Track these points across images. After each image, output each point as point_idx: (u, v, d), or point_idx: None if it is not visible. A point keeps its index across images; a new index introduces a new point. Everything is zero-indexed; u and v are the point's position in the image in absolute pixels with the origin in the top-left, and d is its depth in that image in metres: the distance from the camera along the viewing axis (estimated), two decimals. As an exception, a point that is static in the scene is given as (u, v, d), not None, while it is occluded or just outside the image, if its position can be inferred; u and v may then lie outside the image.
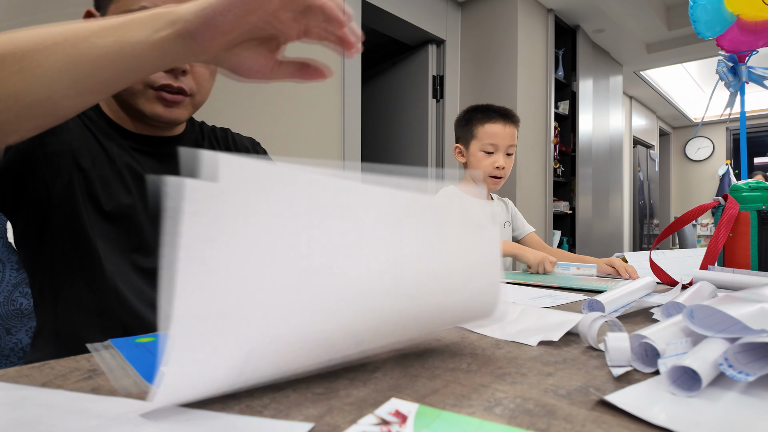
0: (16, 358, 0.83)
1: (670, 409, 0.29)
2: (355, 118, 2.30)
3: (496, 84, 2.83)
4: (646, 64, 4.34)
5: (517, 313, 0.56)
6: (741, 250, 0.86)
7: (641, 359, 0.37)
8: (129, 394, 0.32)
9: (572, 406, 0.30)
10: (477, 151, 1.34)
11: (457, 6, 2.98)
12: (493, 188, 1.37)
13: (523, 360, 0.40)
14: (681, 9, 3.63)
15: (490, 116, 1.32)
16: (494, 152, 1.32)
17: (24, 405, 0.29)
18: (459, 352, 0.43)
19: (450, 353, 0.42)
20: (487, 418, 0.29)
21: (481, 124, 1.33)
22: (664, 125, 6.66)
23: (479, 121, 1.33)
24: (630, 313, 0.60)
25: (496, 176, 1.33)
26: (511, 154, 1.34)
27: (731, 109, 1.48)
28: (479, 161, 1.33)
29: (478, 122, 1.33)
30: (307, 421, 0.27)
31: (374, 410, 0.29)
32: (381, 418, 0.28)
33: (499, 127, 1.31)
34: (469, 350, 0.43)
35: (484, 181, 1.35)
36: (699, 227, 5.28)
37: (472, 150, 1.35)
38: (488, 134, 1.31)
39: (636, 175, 5.48)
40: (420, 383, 0.34)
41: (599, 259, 1.16)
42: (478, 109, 1.35)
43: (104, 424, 0.26)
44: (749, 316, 0.33)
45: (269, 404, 0.30)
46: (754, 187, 0.87)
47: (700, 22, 1.34)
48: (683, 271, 0.92)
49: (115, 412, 0.28)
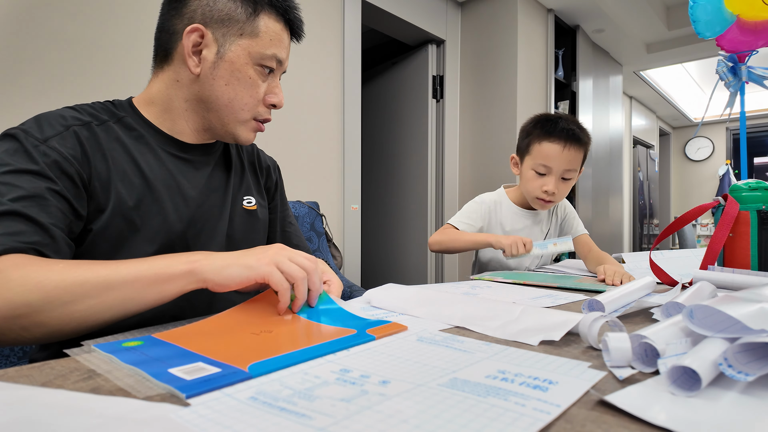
0: (16, 358, 0.83)
1: (670, 409, 0.29)
2: (355, 118, 2.30)
3: (496, 84, 2.83)
4: (646, 64, 4.34)
5: (518, 313, 0.56)
6: (741, 250, 0.86)
7: (641, 359, 0.37)
8: (138, 393, 0.32)
9: (572, 406, 0.30)
10: (528, 168, 1.21)
11: (457, 6, 2.98)
12: (540, 209, 1.27)
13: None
14: (681, 9, 3.63)
15: (550, 135, 1.16)
16: (546, 174, 1.18)
17: (24, 405, 0.29)
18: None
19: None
20: (487, 418, 0.29)
21: (538, 141, 1.18)
22: (664, 125, 6.66)
23: (537, 137, 1.19)
24: (630, 313, 0.60)
25: (544, 199, 1.21)
26: (569, 179, 1.20)
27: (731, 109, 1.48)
28: (528, 180, 1.22)
29: (535, 138, 1.19)
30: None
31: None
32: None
33: (556, 148, 1.15)
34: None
35: (531, 201, 1.25)
36: (699, 227, 5.27)
37: (525, 166, 1.23)
38: (542, 155, 1.17)
39: (636, 175, 5.48)
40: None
41: (605, 258, 1.15)
42: (541, 123, 1.20)
43: (105, 423, 0.26)
44: (749, 316, 0.33)
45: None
46: (754, 187, 0.87)
47: (700, 22, 1.34)
48: (683, 271, 0.92)
49: (116, 412, 0.28)
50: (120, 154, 0.63)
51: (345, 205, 2.26)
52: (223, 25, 0.64)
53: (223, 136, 0.71)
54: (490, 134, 2.83)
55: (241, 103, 0.67)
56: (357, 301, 0.69)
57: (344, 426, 0.27)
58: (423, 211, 2.89)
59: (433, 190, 2.90)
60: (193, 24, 0.63)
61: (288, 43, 0.71)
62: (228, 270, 0.50)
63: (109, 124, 0.64)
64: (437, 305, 0.61)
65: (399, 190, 3.06)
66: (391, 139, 3.15)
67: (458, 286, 0.88)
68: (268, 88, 0.69)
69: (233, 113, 0.67)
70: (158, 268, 0.49)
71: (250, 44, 0.65)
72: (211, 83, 0.65)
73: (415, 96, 2.95)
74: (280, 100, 0.70)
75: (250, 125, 0.70)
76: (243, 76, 0.65)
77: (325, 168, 2.17)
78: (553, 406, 0.30)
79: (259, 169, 0.84)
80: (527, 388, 0.33)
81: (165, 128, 0.69)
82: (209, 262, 0.51)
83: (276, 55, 0.67)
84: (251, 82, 0.66)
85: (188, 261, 0.50)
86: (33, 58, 1.29)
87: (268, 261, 0.51)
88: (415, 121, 2.95)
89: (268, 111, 0.71)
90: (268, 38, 0.66)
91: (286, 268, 0.52)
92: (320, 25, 2.14)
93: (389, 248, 3.09)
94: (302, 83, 2.06)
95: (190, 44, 0.64)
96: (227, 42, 0.64)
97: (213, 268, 0.50)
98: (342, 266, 2.00)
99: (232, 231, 0.74)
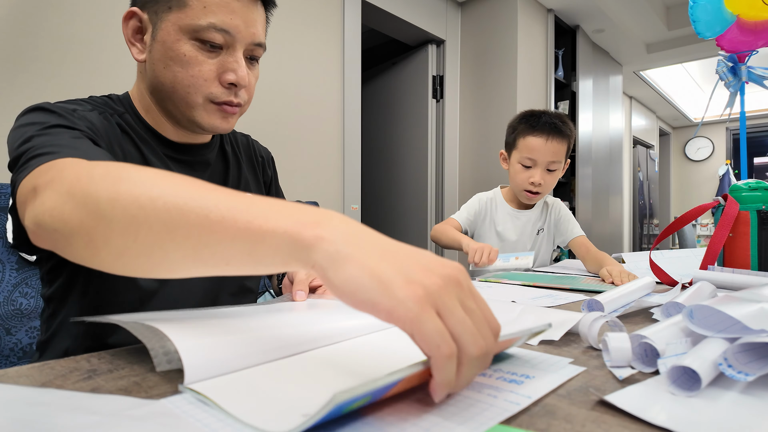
0: (15, 358, 0.83)
1: (669, 409, 0.29)
2: (355, 118, 2.30)
3: (496, 84, 2.83)
4: (646, 64, 4.34)
5: (518, 312, 0.56)
6: (741, 250, 0.86)
7: (641, 359, 0.37)
8: (138, 392, 0.32)
9: (572, 406, 0.30)
10: (515, 162, 1.28)
11: (457, 6, 2.98)
12: (528, 202, 1.32)
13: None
14: (681, 9, 3.63)
15: (534, 128, 1.23)
16: (532, 167, 1.25)
17: (22, 404, 0.29)
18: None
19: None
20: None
21: (523, 135, 1.25)
22: (664, 125, 6.66)
23: (522, 132, 1.26)
24: (630, 313, 0.60)
25: (531, 191, 1.27)
26: (554, 170, 1.26)
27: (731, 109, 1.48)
28: (516, 173, 1.28)
29: (521, 132, 1.26)
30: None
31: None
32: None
33: (539, 141, 1.22)
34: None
35: (519, 194, 1.31)
36: (699, 227, 5.27)
37: (512, 160, 1.30)
38: (528, 147, 1.24)
39: (636, 175, 5.48)
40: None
41: (606, 259, 1.14)
42: (526, 118, 1.27)
43: (102, 422, 0.26)
44: (749, 316, 0.33)
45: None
46: (754, 187, 0.87)
47: (700, 22, 1.34)
48: (683, 271, 0.92)
49: (113, 409, 0.28)
50: (131, 148, 0.62)
51: (345, 204, 2.26)
52: (154, 3, 0.59)
53: (190, 127, 0.64)
54: (490, 134, 2.83)
55: (182, 85, 0.59)
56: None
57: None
58: (423, 211, 2.89)
59: (433, 190, 2.90)
60: (130, 8, 0.60)
61: (242, 8, 0.59)
62: (348, 270, 0.28)
63: (117, 117, 0.63)
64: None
65: (399, 189, 3.06)
66: (391, 139, 3.15)
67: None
68: (221, 65, 0.60)
69: (181, 97, 0.60)
70: (254, 214, 0.32)
71: (178, 17, 0.57)
72: (153, 68, 0.60)
73: (415, 96, 2.95)
74: (240, 77, 0.60)
75: (208, 108, 0.61)
76: (176, 54, 0.58)
77: (325, 168, 2.17)
78: (524, 397, 0.30)
79: (257, 163, 0.82)
80: (503, 382, 0.33)
81: (158, 128, 0.66)
82: (335, 235, 0.30)
83: (214, 24, 0.57)
84: (187, 60, 0.58)
85: (298, 221, 0.31)
86: (32, 58, 1.29)
87: (424, 296, 0.27)
88: (415, 121, 2.95)
89: (227, 92, 0.61)
90: (201, 6, 0.57)
91: (452, 318, 0.27)
92: (320, 25, 2.14)
93: (389, 248, 3.08)
94: (302, 83, 2.06)
95: (130, 31, 0.61)
96: (159, 20, 0.58)
97: (332, 252, 0.29)
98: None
99: None
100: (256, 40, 0.61)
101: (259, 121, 1.89)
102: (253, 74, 0.65)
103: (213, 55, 0.59)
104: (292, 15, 2.01)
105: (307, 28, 2.07)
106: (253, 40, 0.61)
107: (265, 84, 1.90)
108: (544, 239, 1.37)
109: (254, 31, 0.61)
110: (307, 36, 2.07)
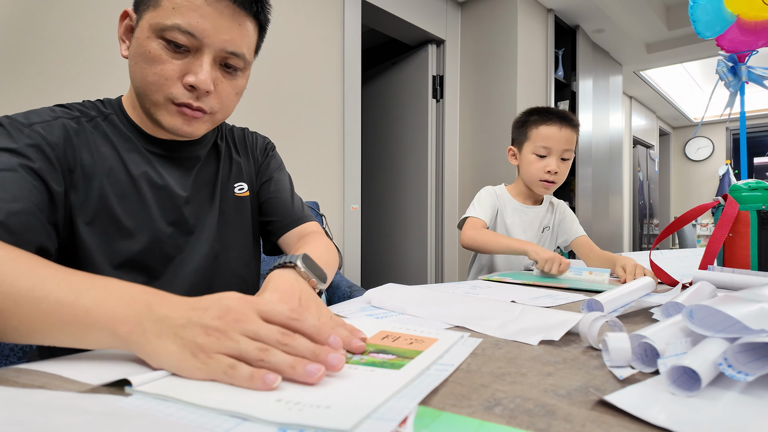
0: (15, 358, 0.83)
1: (669, 409, 0.29)
2: (355, 118, 2.30)
3: (496, 84, 2.82)
4: (646, 64, 4.33)
5: (517, 312, 0.56)
6: (741, 250, 0.86)
7: (641, 359, 0.37)
8: (129, 391, 0.32)
9: (572, 406, 0.30)
10: (529, 153, 1.29)
11: (457, 6, 2.97)
12: (544, 192, 1.33)
13: (523, 360, 0.40)
14: (681, 9, 3.62)
15: (546, 118, 1.27)
16: (547, 156, 1.27)
17: (11, 405, 0.29)
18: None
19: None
20: (487, 418, 0.29)
21: (535, 126, 1.28)
22: (664, 125, 6.66)
23: (534, 123, 1.28)
24: (630, 313, 0.60)
25: (547, 180, 1.27)
26: (567, 159, 1.28)
27: (731, 109, 1.48)
28: (530, 164, 1.28)
29: (532, 124, 1.29)
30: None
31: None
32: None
33: (554, 129, 1.25)
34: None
35: (534, 185, 1.31)
36: (699, 227, 5.27)
37: (525, 152, 1.30)
38: (542, 137, 1.26)
39: (636, 175, 5.48)
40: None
41: (616, 256, 1.12)
42: (535, 112, 1.30)
43: (92, 420, 0.27)
44: (749, 316, 0.33)
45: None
46: (754, 187, 0.87)
47: (700, 22, 1.34)
48: (683, 271, 0.92)
49: (102, 408, 0.28)
50: (107, 150, 0.63)
51: (345, 204, 2.26)
52: (141, 3, 0.61)
53: (155, 124, 0.64)
54: (490, 134, 2.83)
55: (146, 82, 0.59)
56: (357, 301, 0.69)
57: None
58: (423, 210, 2.89)
59: (433, 190, 2.90)
60: (126, 8, 0.63)
61: (213, 14, 0.59)
62: (156, 355, 0.36)
63: (98, 120, 0.65)
64: (437, 305, 0.61)
65: (399, 190, 3.06)
66: (391, 139, 3.15)
67: (458, 285, 0.88)
68: (185, 67, 0.59)
69: (146, 95, 0.61)
70: (79, 306, 0.38)
71: (151, 16, 0.59)
72: (130, 65, 0.62)
73: (415, 96, 2.95)
74: (199, 81, 0.59)
75: (169, 109, 0.61)
76: (144, 50, 0.59)
77: (325, 168, 2.17)
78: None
79: (251, 153, 0.82)
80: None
81: (144, 126, 0.67)
82: (142, 328, 0.37)
83: (179, 25, 0.57)
84: (152, 57, 0.58)
85: (113, 318, 0.37)
86: (32, 58, 1.29)
87: (209, 355, 0.35)
88: (415, 121, 2.95)
89: (187, 94, 0.60)
90: (171, 7, 0.57)
91: (238, 351, 0.35)
92: (320, 25, 2.14)
93: (389, 248, 3.09)
94: (302, 83, 2.06)
95: (122, 29, 0.63)
96: (140, 18, 0.61)
97: (142, 343, 0.37)
98: (342, 266, 2.00)
99: (223, 221, 0.73)
100: (230, 49, 0.61)
101: (259, 121, 1.89)
102: (230, 84, 0.64)
103: (179, 56, 0.59)
104: (292, 15, 2.01)
105: (307, 28, 2.07)
106: (224, 47, 0.60)
107: (265, 84, 1.90)
108: (548, 238, 1.37)
109: (227, 39, 0.60)
110: (307, 36, 2.07)
